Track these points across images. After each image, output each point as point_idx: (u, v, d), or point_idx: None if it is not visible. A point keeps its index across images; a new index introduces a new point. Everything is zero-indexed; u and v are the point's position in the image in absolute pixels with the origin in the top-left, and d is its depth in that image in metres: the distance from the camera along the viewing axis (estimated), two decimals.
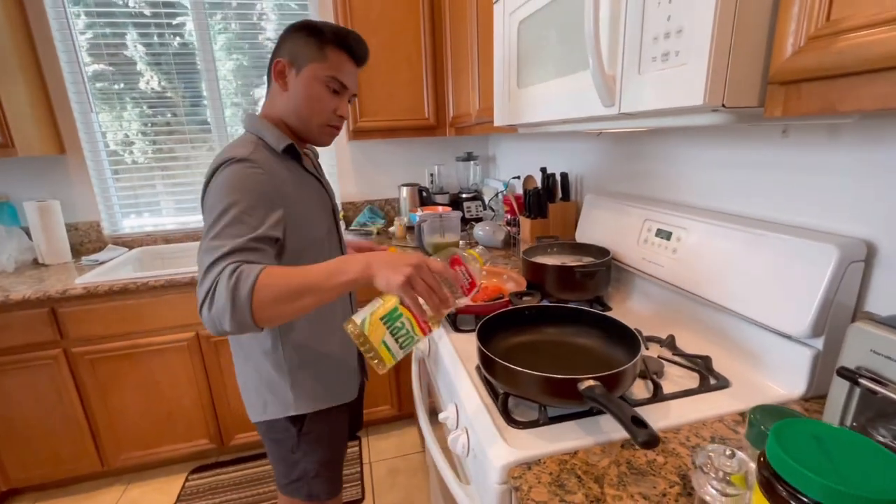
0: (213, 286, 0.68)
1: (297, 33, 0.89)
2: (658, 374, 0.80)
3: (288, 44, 0.89)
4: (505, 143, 2.29)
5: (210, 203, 0.78)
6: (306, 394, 0.98)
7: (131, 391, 1.75)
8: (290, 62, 0.89)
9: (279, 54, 0.90)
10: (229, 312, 0.66)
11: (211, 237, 0.74)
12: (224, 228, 0.74)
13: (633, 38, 0.62)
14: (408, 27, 1.95)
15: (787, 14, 0.47)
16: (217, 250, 0.71)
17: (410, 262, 0.66)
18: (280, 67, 0.89)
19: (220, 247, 0.72)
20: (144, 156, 2.17)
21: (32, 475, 1.74)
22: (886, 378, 0.52)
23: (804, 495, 0.34)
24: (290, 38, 0.90)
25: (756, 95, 0.53)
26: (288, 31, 0.90)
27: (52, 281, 1.66)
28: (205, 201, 0.81)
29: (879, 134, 0.67)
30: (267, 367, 0.95)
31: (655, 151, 1.15)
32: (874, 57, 0.40)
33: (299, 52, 0.89)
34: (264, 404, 0.97)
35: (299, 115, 0.92)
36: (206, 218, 0.77)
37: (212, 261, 0.70)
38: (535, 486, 0.57)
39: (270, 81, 0.93)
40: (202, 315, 0.69)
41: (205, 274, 0.70)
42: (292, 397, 0.96)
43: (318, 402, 0.99)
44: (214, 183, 0.80)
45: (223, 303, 0.66)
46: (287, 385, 0.96)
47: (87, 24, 1.99)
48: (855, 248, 0.68)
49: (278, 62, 0.89)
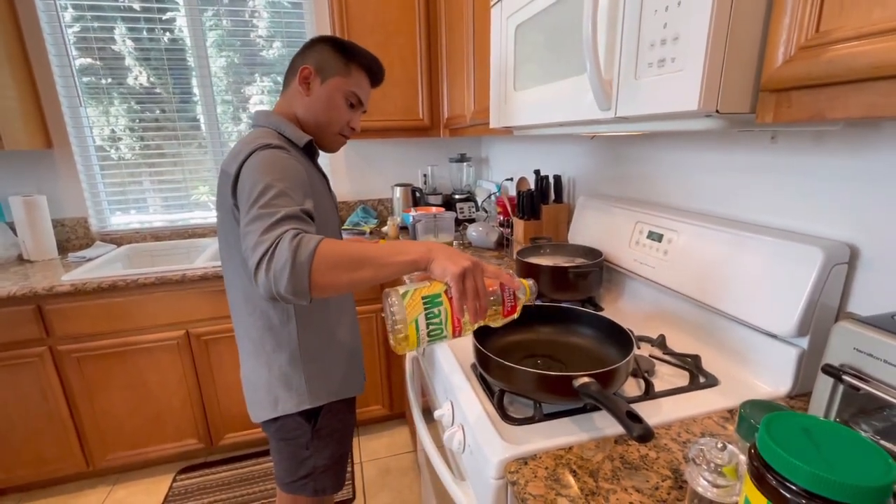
0: (272, 246, 0.66)
1: (325, 45, 0.97)
2: (649, 373, 0.82)
3: (315, 53, 0.97)
4: (498, 145, 2.31)
5: (250, 182, 0.77)
6: (321, 387, 0.99)
7: (119, 390, 1.72)
8: (317, 71, 0.96)
9: (305, 61, 0.96)
10: (288, 273, 0.64)
11: (260, 205, 0.73)
12: (273, 199, 0.74)
13: (630, 44, 0.64)
14: (403, 28, 1.96)
15: (779, 24, 0.49)
16: (272, 215, 0.71)
17: (470, 258, 0.67)
18: (306, 73, 0.95)
19: (274, 213, 0.72)
20: (132, 152, 2.14)
21: (15, 475, 1.70)
22: (869, 375, 0.54)
23: (793, 483, 0.36)
24: (317, 48, 0.97)
25: (748, 102, 0.55)
26: (316, 41, 0.98)
27: (37, 277, 1.63)
28: (240, 184, 0.80)
29: (863, 142, 0.69)
30: (281, 362, 0.95)
31: (647, 155, 1.18)
32: (861, 67, 0.42)
33: (326, 63, 0.96)
34: (275, 401, 0.96)
35: (318, 121, 0.99)
36: (248, 195, 0.76)
37: (270, 223, 0.70)
38: (532, 481, 0.59)
39: (289, 83, 0.99)
40: (258, 277, 0.67)
41: (261, 235, 0.68)
42: (307, 391, 0.97)
43: (331, 395, 1.00)
44: (250, 165, 0.80)
45: (283, 263, 0.64)
46: (302, 378, 0.96)
47: (75, 17, 1.95)
48: (839, 250, 0.70)
49: (305, 68, 0.95)
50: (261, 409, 0.98)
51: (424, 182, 2.44)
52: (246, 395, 1.02)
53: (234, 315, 0.99)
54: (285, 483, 1.03)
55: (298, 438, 0.99)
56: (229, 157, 0.87)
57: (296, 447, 1.00)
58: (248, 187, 0.77)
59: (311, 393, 0.98)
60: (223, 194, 0.88)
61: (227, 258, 0.95)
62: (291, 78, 0.98)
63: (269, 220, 0.70)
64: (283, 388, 0.96)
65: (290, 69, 0.99)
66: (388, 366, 2.02)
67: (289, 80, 1.00)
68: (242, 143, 0.87)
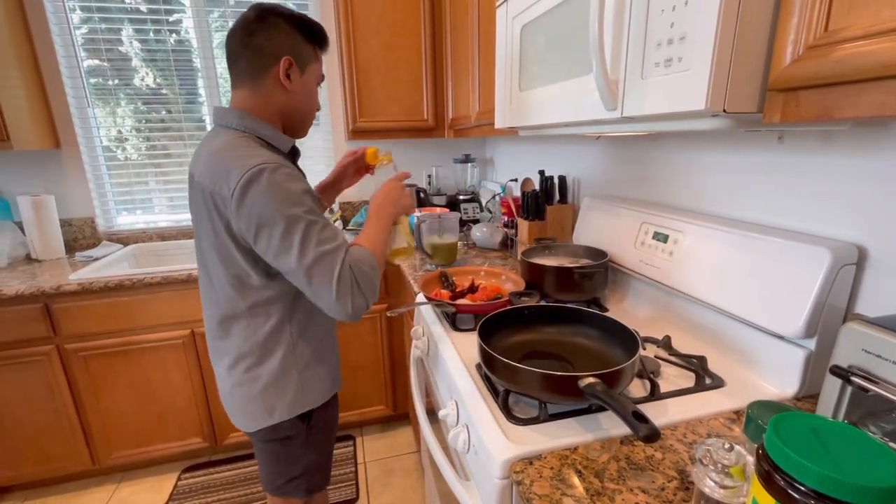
0: (353, 281, 0.82)
1: (288, 26, 0.87)
2: (655, 374, 0.82)
3: (287, 39, 0.87)
4: (502, 145, 2.31)
5: (268, 207, 0.78)
6: (316, 387, 0.99)
7: (124, 389, 1.73)
8: (294, 60, 0.88)
9: (281, 50, 0.86)
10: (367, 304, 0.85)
11: (314, 236, 0.81)
12: (320, 228, 0.82)
13: (636, 44, 0.64)
14: (408, 28, 1.96)
15: (787, 24, 0.49)
16: (335, 253, 0.82)
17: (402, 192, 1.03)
18: (287, 66, 0.87)
19: (334, 250, 0.82)
20: (138, 152, 2.16)
21: (22, 473, 1.71)
22: (877, 376, 0.53)
23: (801, 484, 0.36)
24: (286, 32, 0.87)
25: (756, 101, 0.54)
26: (269, 14, 0.85)
27: (45, 276, 1.64)
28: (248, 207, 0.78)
29: (871, 142, 0.69)
30: (275, 371, 0.93)
31: (653, 155, 1.18)
32: (870, 66, 0.41)
33: (301, 51, 0.89)
34: (271, 409, 0.94)
35: (302, 113, 0.94)
36: (277, 222, 0.79)
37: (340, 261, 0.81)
38: (537, 481, 0.58)
39: (262, 74, 0.87)
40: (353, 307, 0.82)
41: (341, 267, 0.81)
42: (302, 395, 0.97)
43: (324, 395, 1.01)
44: (258, 188, 0.78)
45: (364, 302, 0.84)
46: (299, 383, 0.96)
47: (83, 18, 1.97)
48: (847, 251, 0.70)
49: (287, 59, 0.86)
50: (253, 419, 0.95)
51: (429, 183, 2.44)
52: (232, 408, 0.97)
53: (216, 334, 0.94)
54: (276, 486, 1.02)
55: (294, 439, 0.99)
56: (212, 173, 0.81)
57: (291, 447, 0.99)
58: (276, 221, 0.79)
59: (307, 396, 0.98)
60: (206, 211, 0.84)
61: (209, 277, 0.91)
62: (263, 67, 0.86)
63: (334, 258, 0.81)
64: (278, 396, 0.94)
65: (253, 53, 0.85)
66: (391, 366, 2.02)
67: (256, 69, 0.86)
68: (228, 154, 0.81)
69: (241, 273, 0.87)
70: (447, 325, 1.07)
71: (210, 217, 0.84)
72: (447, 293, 1.18)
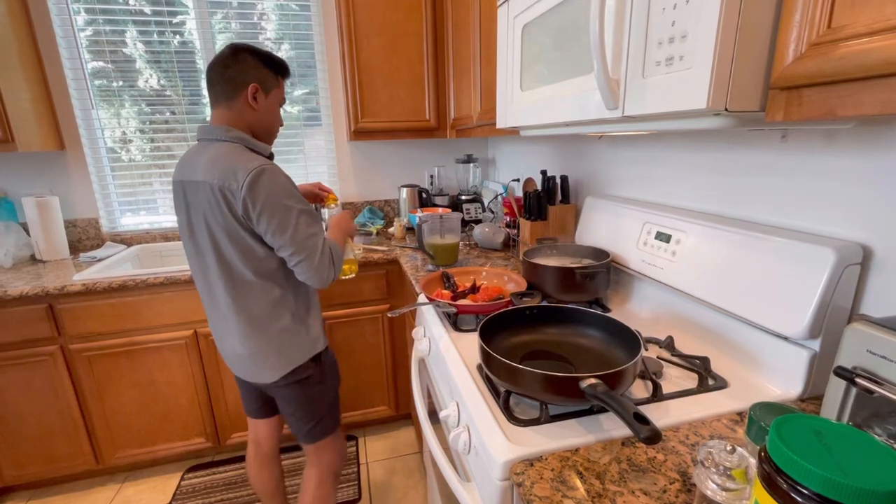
0: (332, 256, 1.13)
1: (254, 59, 1.11)
2: (657, 375, 0.81)
3: (252, 70, 1.10)
4: (504, 145, 2.31)
5: (276, 199, 1.03)
6: (318, 332, 1.24)
7: (128, 389, 1.74)
8: (260, 86, 1.11)
9: (247, 77, 1.09)
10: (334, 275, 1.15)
11: (306, 224, 1.08)
12: (310, 218, 1.09)
13: (637, 43, 0.63)
14: (410, 29, 1.96)
15: (790, 21, 0.48)
16: (318, 235, 1.10)
17: (349, 221, 1.32)
18: (255, 90, 1.10)
19: (318, 233, 1.10)
20: (142, 154, 2.17)
21: (26, 473, 1.72)
22: (882, 378, 0.53)
23: (804, 487, 0.35)
24: (249, 62, 1.10)
25: (758, 100, 0.54)
26: (240, 51, 1.09)
27: (49, 277, 1.65)
28: (262, 196, 1.01)
29: (875, 140, 0.68)
30: (287, 324, 1.15)
31: (655, 155, 1.17)
32: (874, 63, 0.41)
33: (265, 79, 1.12)
34: (288, 357, 1.16)
35: (268, 128, 1.18)
36: (282, 211, 1.04)
37: (327, 250, 1.12)
38: (538, 482, 0.58)
39: (234, 97, 1.09)
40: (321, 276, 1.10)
41: (323, 247, 1.10)
42: (312, 338, 1.21)
43: (324, 339, 1.26)
44: (265, 183, 1.02)
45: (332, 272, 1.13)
46: (306, 330, 1.20)
47: (87, 20, 1.98)
48: (851, 251, 0.69)
49: (254, 86, 1.10)
50: (273, 370, 1.16)
51: (431, 183, 2.44)
52: (250, 367, 1.17)
53: (229, 304, 1.12)
54: (309, 433, 1.25)
55: (313, 376, 1.22)
56: (220, 173, 1.02)
57: (310, 385, 1.22)
58: (282, 210, 1.04)
59: (314, 340, 1.21)
60: (216, 203, 1.03)
61: (220, 264, 1.10)
62: (234, 92, 1.09)
63: (320, 239, 1.10)
64: (292, 345, 1.17)
65: (227, 81, 1.08)
66: (393, 367, 2.02)
67: (230, 93, 1.09)
68: (229, 158, 1.03)
69: (248, 248, 1.08)
70: (448, 325, 1.07)
71: (220, 207, 1.03)
72: (449, 293, 1.18)
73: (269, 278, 1.11)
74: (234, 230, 1.05)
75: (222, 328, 1.17)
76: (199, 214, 1.08)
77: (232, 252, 1.07)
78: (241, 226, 1.04)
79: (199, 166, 1.05)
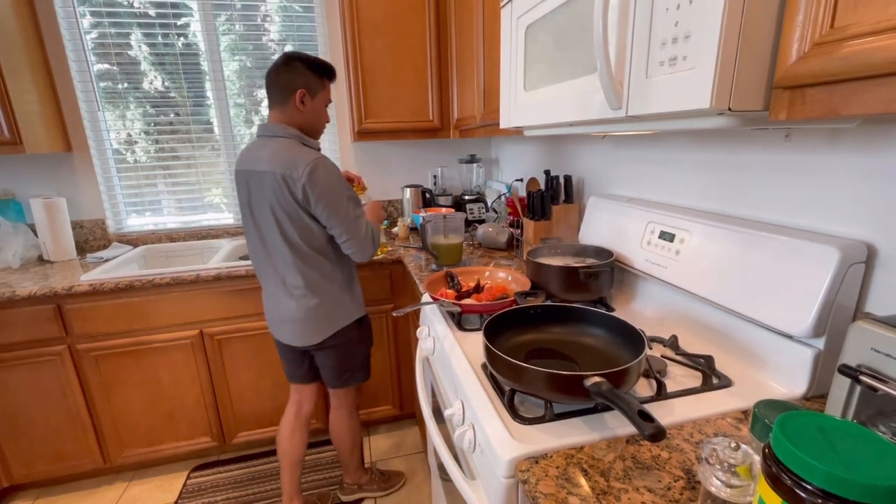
0: (373, 237, 1.34)
1: (302, 66, 1.28)
2: (661, 374, 0.82)
3: (300, 76, 1.28)
4: (508, 145, 2.31)
5: (331, 188, 1.24)
6: (360, 301, 1.48)
7: (135, 388, 1.76)
8: (308, 91, 1.29)
9: (295, 83, 1.27)
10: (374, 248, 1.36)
11: (353, 208, 1.29)
12: (355, 203, 1.31)
13: (641, 43, 0.64)
14: (413, 30, 1.97)
15: (793, 21, 0.49)
16: (362, 217, 1.32)
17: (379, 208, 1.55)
18: (302, 95, 1.28)
19: (362, 215, 1.32)
20: (147, 155, 2.18)
21: (34, 471, 1.74)
22: (887, 375, 0.53)
23: (808, 483, 0.36)
24: (298, 69, 1.27)
25: (761, 99, 0.54)
26: (291, 60, 1.27)
27: (57, 278, 1.67)
28: (319, 185, 1.22)
29: (879, 139, 0.68)
30: (335, 293, 1.37)
31: (659, 154, 1.17)
32: (878, 63, 0.41)
33: (311, 83, 1.30)
34: (334, 319, 1.39)
35: (314, 127, 1.36)
36: (335, 198, 1.25)
37: (370, 229, 1.33)
38: (543, 479, 0.59)
39: (285, 101, 1.29)
40: (365, 251, 1.32)
41: (370, 235, 1.33)
42: (354, 306, 1.44)
43: (363, 306, 1.50)
44: (321, 174, 1.22)
45: (374, 247, 1.35)
46: (350, 298, 1.42)
47: (93, 23, 2.00)
48: (856, 249, 0.69)
49: (301, 91, 1.28)
50: (322, 332, 1.38)
51: (434, 183, 2.44)
52: (300, 330, 1.37)
53: (288, 273, 1.33)
54: (343, 380, 1.48)
55: (353, 339, 1.45)
56: (281, 164, 1.22)
57: (350, 345, 1.44)
58: (333, 192, 1.25)
59: (357, 307, 1.45)
60: (279, 189, 1.23)
61: (284, 240, 1.29)
62: (286, 96, 1.28)
63: (368, 228, 1.33)
64: (339, 310, 1.39)
65: (280, 87, 1.27)
66: (397, 365, 2.03)
67: (282, 97, 1.28)
68: (288, 152, 1.23)
69: (305, 225, 1.28)
70: (453, 325, 1.08)
71: (283, 192, 1.23)
72: (453, 293, 1.19)
73: (322, 252, 1.32)
74: (295, 211, 1.25)
75: (278, 296, 1.36)
76: (262, 199, 1.27)
77: (292, 229, 1.27)
78: (301, 207, 1.24)
79: (262, 159, 1.25)
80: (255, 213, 1.32)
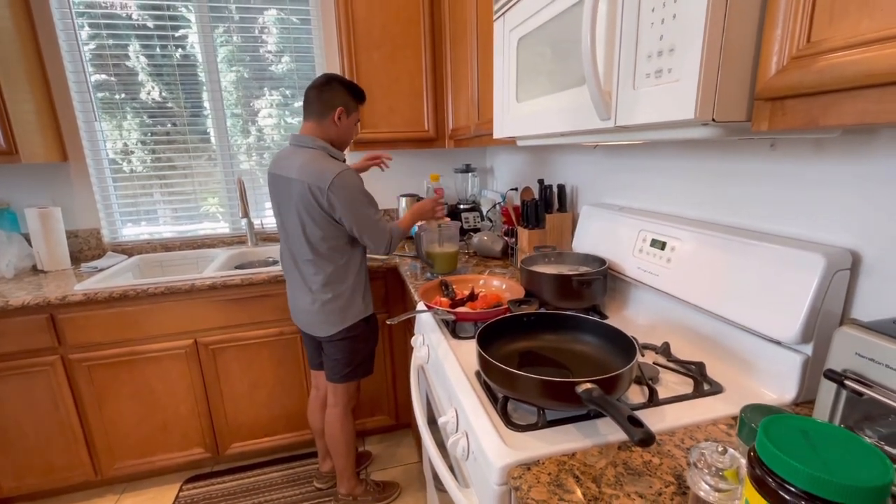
0: (391, 239, 1.48)
1: (342, 87, 1.45)
2: (653, 380, 0.82)
3: (340, 95, 1.45)
4: (502, 155, 2.33)
5: (353, 197, 1.38)
6: (368, 302, 1.58)
7: (127, 399, 1.74)
8: (345, 110, 1.46)
9: (335, 101, 1.44)
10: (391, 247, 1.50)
11: (376, 219, 1.44)
12: (377, 213, 1.45)
13: (627, 56, 0.65)
14: (409, 42, 2.00)
15: (771, 35, 0.50)
16: (386, 224, 1.47)
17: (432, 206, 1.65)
18: (340, 112, 1.45)
19: (380, 219, 1.45)
20: (143, 165, 2.19)
21: (24, 484, 1.72)
22: (871, 380, 0.54)
23: (792, 485, 0.36)
24: (338, 90, 1.45)
25: (744, 110, 0.56)
26: (333, 81, 1.45)
27: (51, 287, 1.66)
28: (343, 195, 1.36)
29: (862, 147, 0.70)
30: (348, 293, 1.50)
31: (649, 164, 1.19)
32: (852, 75, 0.43)
33: (349, 103, 1.47)
34: (345, 317, 1.50)
35: (344, 140, 1.53)
36: (359, 207, 1.40)
37: (387, 229, 1.47)
38: (535, 486, 0.59)
39: (323, 115, 1.44)
40: (386, 250, 1.48)
41: (388, 234, 1.47)
42: (364, 305, 1.55)
43: (372, 305, 1.61)
44: (345, 184, 1.36)
45: (391, 248, 1.49)
46: (360, 297, 1.53)
47: (91, 34, 2.02)
48: (841, 257, 0.71)
49: (340, 108, 1.44)
50: (334, 326, 1.49)
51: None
52: (316, 321, 1.49)
53: (307, 269, 1.47)
54: (343, 375, 1.55)
55: (360, 336, 1.55)
56: (309, 174, 1.35)
57: (357, 342, 1.54)
58: (357, 202, 1.39)
59: (367, 306, 1.56)
60: (306, 196, 1.37)
61: (305, 239, 1.43)
62: (326, 112, 1.43)
63: (387, 227, 1.47)
64: (350, 307, 1.50)
65: (322, 102, 1.43)
66: (393, 376, 2.02)
67: (322, 112, 1.43)
68: (317, 163, 1.37)
69: (326, 229, 1.41)
70: (447, 333, 1.08)
71: (309, 199, 1.37)
72: (447, 301, 1.19)
73: (339, 251, 1.46)
74: (319, 215, 1.38)
75: (300, 290, 1.50)
76: (289, 203, 1.42)
77: (315, 231, 1.41)
78: (325, 212, 1.38)
79: (293, 167, 1.39)
80: (282, 214, 1.47)
